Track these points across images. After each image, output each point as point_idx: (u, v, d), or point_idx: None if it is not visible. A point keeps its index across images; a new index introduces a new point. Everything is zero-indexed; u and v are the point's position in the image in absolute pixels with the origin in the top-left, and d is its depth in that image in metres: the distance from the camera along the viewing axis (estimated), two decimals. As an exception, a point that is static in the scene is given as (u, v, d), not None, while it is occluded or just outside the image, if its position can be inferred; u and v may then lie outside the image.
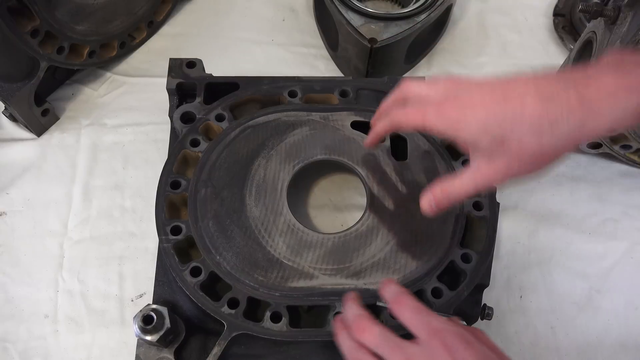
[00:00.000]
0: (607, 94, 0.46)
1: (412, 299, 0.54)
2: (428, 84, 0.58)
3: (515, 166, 0.51)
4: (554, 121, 0.47)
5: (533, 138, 0.48)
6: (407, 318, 0.53)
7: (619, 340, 0.83)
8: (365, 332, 0.53)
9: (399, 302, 0.54)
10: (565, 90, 0.47)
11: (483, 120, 0.50)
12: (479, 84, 0.54)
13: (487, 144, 0.51)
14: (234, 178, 0.77)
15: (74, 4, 0.89)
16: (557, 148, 0.49)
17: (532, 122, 0.48)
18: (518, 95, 0.49)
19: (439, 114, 0.54)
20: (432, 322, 0.51)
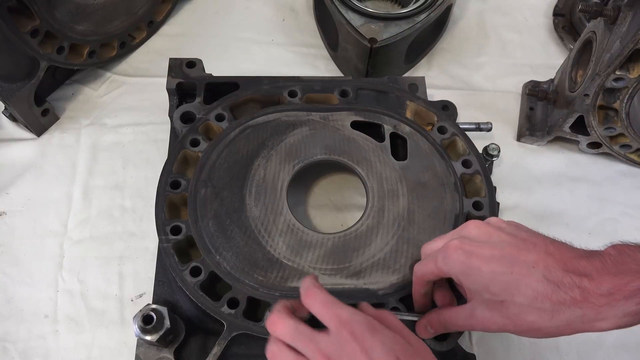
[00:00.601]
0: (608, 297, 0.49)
1: (322, 292, 0.55)
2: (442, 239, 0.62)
3: (510, 328, 0.54)
4: (556, 306, 0.50)
5: (532, 314, 0.52)
6: (318, 310, 0.54)
7: (619, 340, 0.83)
8: (277, 326, 0.54)
9: (309, 296, 0.55)
10: (571, 282, 0.50)
11: (489, 276, 0.53)
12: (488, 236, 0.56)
13: (488, 297, 0.54)
14: (234, 178, 0.77)
15: (74, 4, 0.89)
16: (554, 329, 0.52)
17: (534, 299, 0.51)
18: (527, 269, 0.52)
19: (445, 256, 0.57)
20: (341, 314, 0.52)
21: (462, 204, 0.76)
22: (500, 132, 0.99)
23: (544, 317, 0.51)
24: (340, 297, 0.68)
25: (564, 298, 0.50)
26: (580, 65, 0.91)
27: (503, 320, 0.54)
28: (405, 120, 0.83)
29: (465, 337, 0.81)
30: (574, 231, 0.91)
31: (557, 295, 0.51)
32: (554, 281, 0.51)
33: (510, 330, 0.55)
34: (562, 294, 0.50)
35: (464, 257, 0.55)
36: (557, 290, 0.51)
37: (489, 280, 0.54)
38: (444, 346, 0.66)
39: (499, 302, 0.54)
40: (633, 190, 0.94)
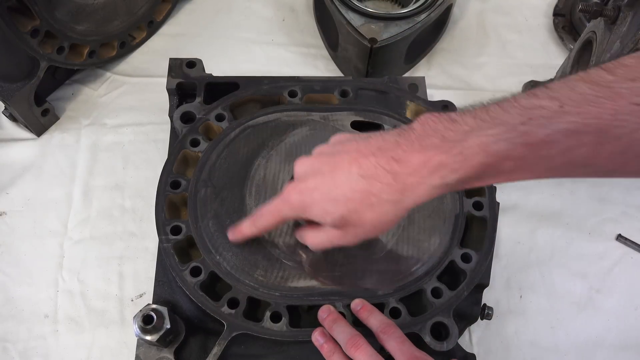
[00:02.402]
0: (414, 174, 0.52)
1: (398, 330, 0.62)
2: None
3: (360, 232, 0.59)
4: (378, 195, 0.54)
5: (367, 209, 0.55)
6: (393, 346, 0.61)
7: (619, 340, 0.83)
8: (358, 350, 0.60)
9: (386, 332, 0.62)
10: (382, 167, 0.54)
11: (322, 203, 0.58)
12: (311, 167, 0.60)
13: (331, 222, 0.58)
14: (234, 178, 0.77)
15: (74, 4, 0.89)
16: (389, 214, 0.55)
17: (362, 198, 0.55)
18: (345, 178, 0.56)
19: (285, 203, 0.62)
20: (415, 352, 0.59)
21: (462, 204, 0.76)
22: (500, 132, 0.99)
23: (375, 210, 0.55)
24: (340, 297, 0.69)
25: (382, 187, 0.54)
26: (580, 65, 0.91)
27: (352, 230, 0.58)
28: (406, 120, 0.83)
29: (465, 337, 0.81)
30: (574, 231, 0.91)
31: (376, 187, 0.54)
32: (369, 175, 0.54)
33: (360, 234, 0.59)
34: (379, 184, 0.54)
35: (298, 196, 0.60)
36: (374, 182, 0.54)
37: (323, 204, 0.57)
38: (444, 346, 0.66)
39: (340, 219, 0.57)
40: (633, 190, 0.94)
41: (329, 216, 0.58)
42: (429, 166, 0.52)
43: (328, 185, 0.57)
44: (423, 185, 0.53)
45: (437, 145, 0.52)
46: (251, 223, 0.68)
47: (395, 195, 0.54)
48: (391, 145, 0.55)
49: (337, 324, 0.64)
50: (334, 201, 0.57)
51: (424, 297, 0.70)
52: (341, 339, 0.62)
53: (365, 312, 0.66)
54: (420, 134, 0.54)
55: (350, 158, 0.56)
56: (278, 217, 0.64)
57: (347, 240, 0.60)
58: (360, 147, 0.57)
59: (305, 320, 0.71)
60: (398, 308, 0.68)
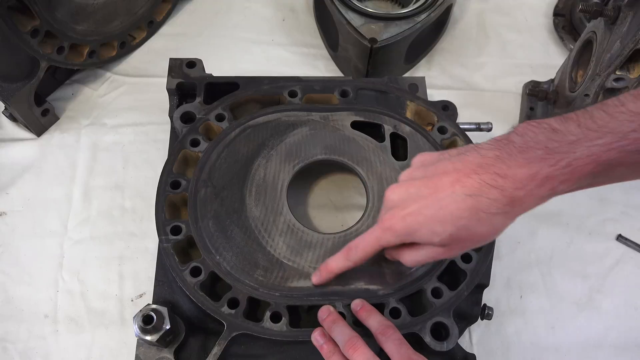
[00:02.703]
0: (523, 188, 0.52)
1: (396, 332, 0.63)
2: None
3: (468, 245, 0.59)
4: (486, 210, 0.54)
5: (477, 225, 0.55)
6: (391, 348, 0.61)
7: (619, 340, 0.83)
8: (357, 352, 0.60)
9: (384, 334, 0.62)
10: (487, 184, 0.54)
11: (429, 227, 0.57)
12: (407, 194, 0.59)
13: (440, 241, 0.58)
14: (234, 178, 0.77)
15: (74, 4, 0.89)
16: (499, 225, 0.56)
17: (470, 215, 0.55)
18: (450, 199, 0.55)
19: (386, 232, 0.60)
20: (412, 356, 0.60)
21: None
22: (500, 132, 0.96)
23: (485, 224, 0.55)
24: (340, 297, 0.69)
25: (489, 202, 0.53)
26: (581, 66, 0.91)
27: (460, 246, 0.59)
28: (406, 120, 0.83)
29: (465, 337, 0.81)
30: (574, 231, 0.91)
31: (483, 203, 0.54)
32: (474, 193, 0.54)
33: (468, 247, 0.60)
34: (486, 199, 0.54)
35: (402, 222, 0.58)
36: (481, 199, 0.54)
37: (430, 225, 0.57)
38: (444, 346, 0.66)
39: (448, 239, 0.57)
40: (633, 190, 0.94)
41: (437, 237, 0.57)
42: (537, 180, 0.52)
43: (433, 208, 0.56)
44: (532, 197, 0.53)
45: (542, 158, 0.52)
46: (344, 257, 0.66)
47: (505, 208, 0.54)
48: (492, 161, 0.54)
49: (337, 324, 0.64)
50: (441, 222, 0.56)
51: (424, 297, 0.70)
52: (340, 340, 0.63)
53: (365, 313, 0.66)
54: (521, 147, 0.53)
55: (451, 179, 0.55)
56: (378, 247, 0.62)
57: (451, 255, 0.60)
58: (458, 166, 0.56)
59: (305, 321, 0.71)
60: (398, 308, 0.68)
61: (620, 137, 0.48)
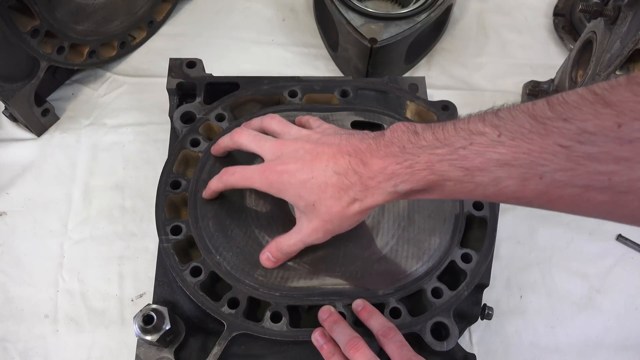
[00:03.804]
0: (374, 179, 0.57)
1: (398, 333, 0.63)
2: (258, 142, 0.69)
3: (328, 225, 0.63)
4: (345, 191, 0.59)
5: (335, 202, 0.60)
6: (392, 350, 0.61)
7: (619, 340, 0.83)
8: (358, 352, 0.60)
9: (386, 335, 0.63)
10: (352, 168, 0.58)
11: (298, 188, 0.62)
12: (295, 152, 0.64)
13: (303, 207, 0.63)
14: (234, 178, 0.77)
15: (74, 4, 0.89)
16: (354, 209, 0.60)
17: (332, 191, 0.60)
18: (322, 171, 0.60)
19: (262, 177, 0.65)
20: (412, 357, 0.60)
21: (462, 204, 0.76)
22: (500, 132, 0.99)
23: (342, 200, 0.60)
24: (340, 297, 0.69)
25: (349, 184, 0.59)
26: (581, 66, 0.91)
27: (321, 221, 0.63)
28: (405, 120, 0.83)
29: (465, 337, 0.81)
30: (574, 231, 0.91)
31: (344, 181, 0.59)
32: (341, 172, 0.59)
33: (328, 227, 0.63)
34: (347, 181, 0.59)
35: (277, 176, 0.63)
36: (344, 179, 0.59)
37: (299, 189, 0.62)
38: (444, 346, 0.66)
39: (312, 206, 0.61)
40: (633, 190, 0.94)
41: (302, 201, 0.62)
42: (385, 173, 0.56)
43: (305, 174, 0.61)
44: (379, 189, 0.57)
45: (396, 155, 0.56)
46: (219, 178, 0.71)
47: (359, 194, 0.59)
48: (364, 148, 0.59)
49: (337, 325, 0.65)
50: (309, 189, 0.61)
51: (424, 297, 0.70)
52: (341, 340, 0.63)
53: (366, 314, 0.66)
54: (387, 142, 0.57)
55: (330, 153, 0.61)
56: (247, 184, 0.67)
57: (317, 237, 0.65)
58: (342, 143, 0.61)
59: (306, 321, 0.71)
60: (398, 308, 0.68)
61: (452, 151, 0.51)
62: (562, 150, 0.44)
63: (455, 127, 0.52)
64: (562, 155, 0.44)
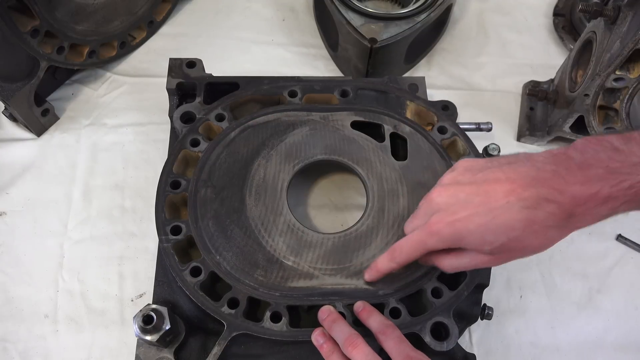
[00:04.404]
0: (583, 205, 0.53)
1: (396, 330, 0.63)
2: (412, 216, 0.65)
3: (518, 256, 0.59)
4: (542, 223, 0.54)
5: (530, 237, 0.55)
6: (390, 346, 0.61)
7: (619, 340, 0.83)
8: (356, 350, 0.60)
9: (384, 333, 0.63)
10: (544, 198, 0.53)
11: (480, 235, 0.56)
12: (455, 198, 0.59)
13: (490, 250, 0.57)
14: (234, 178, 0.77)
15: (74, 4, 0.89)
16: (554, 238, 0.56)
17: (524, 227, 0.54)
18: (504, 209, 0.55)
19: (433, 236, 0.59)
20: (410, 352, 0.60)
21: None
22: (500, 132, 0.99)
23: (539, 236, 0.55)
24: (340, 297, 0.69)
25: (546, 216, 0.53)
26: (580, 65, 0.91)
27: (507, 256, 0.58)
28: (405, 120, 0.83)
29: (465, 337, 0.81)
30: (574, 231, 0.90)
31: (539, 216, 0.53)
32: (530, 206, 0.53)
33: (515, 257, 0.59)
34: (542, 213, 0.53)
35: (450, 228, 0.58)
36: (537, 212, 0.53)
37: (482, 234, 0.56)
38: (444, 346, 0.66)
39: (501, 246, 0.56)
40: (633, 190, 0.94)
41: (488, 246, 0.57)
42: (597, 199, 0.52)
43: (485, 216, 0.55)
44: (590, 215, 0.53)
45: (603, 177, 0.51)
46: (389, 258, 0.66)
47: (561, 222, 0.54)
48: (549, 175, 0.54)
49: (336, 324, 0.65)
50: (493, 232, 0.55)
51: (424, 297, 0.70)
52: (339, 338, 0.63)
53: (366, 314, 0.66)
54: (580, 163, 0.53)
55: (505, 189, 0.55)
56: (422, 250, 0.62)
57: (496, 263, 0.60)
58: (511, 176, 0.56)
59: (305, 320, 0.71)
60: (398, 308, 0.68)
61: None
62: None
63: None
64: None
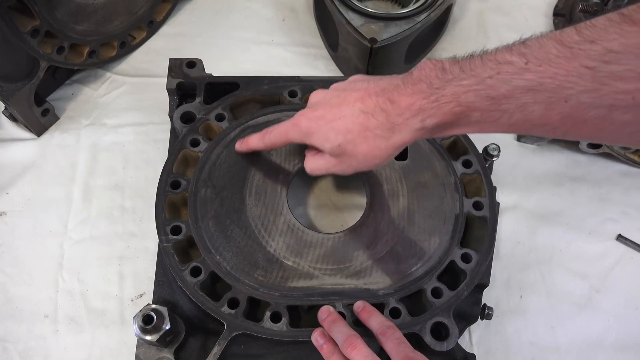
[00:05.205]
0: (401, 115, 0.57)
1: (397, 331, 0.64)
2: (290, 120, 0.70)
3: (355, 163, 0.63)
4: (372, 130, 0.59)
5: (362, 141, 0.60)
6: (390, 347, 0.62)
7: (619, 340, 0.83)
8: (355, 350, 0.61)
9: (384, 334, 0.63)
10: (379, 106, 0.59)
11: (325, 130, 0.63)
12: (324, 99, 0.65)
13: (330, 148, 0.63)
14: (234, 178, 0.77)
15: (74, 4, 0.89)
16: (380, 148, 0.60)
17: (359, 130, 0.60)
18: (349, 112, 0.61)
19: (295, 127, 0.66)
20: (410, 354, 0.60)
21: (462, 204, 0.76)
22: (500, 132, 0.99)
23: (369, 140, 0.60)
24: (340, 297, 0.69)
25: (376, 123, 0.59)
26: (580, 65, 0.91)
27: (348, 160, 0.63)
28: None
29: (465, 337, 0.81)
30: (574, 231, 0.91)
31: (371, 121, 0.59)
32: (367, 111, 0.59)
33: (354, 165, 0.64)
34: (374, 120, 0.59)
35: (306, 122, 0.65)
36: (371, 118, 0.59)
37: (327, 131, 0.63)
38: (444, 346, 0.66)
39: (338, 146, 0.62)
40: (633, 190, 0.94)
41: (328, 143, 0.63)
42: (412, 109, 0.57)
43: (333, 116, 0.62)
44: (406, 126, 0.58)
45: (423, 91, 0.56)
46: (259, 138, 0.73)
47: (386, 132, 0.59)
48: (392, 87, 0.59)
49: (336, 324, 0.65)
50: (335, 130, 0.62)
51: (424, 297, 0.70)
52: (339, 339, 0.63)
53: (366, 314, 0.66)
54: (415, 79, 0.57)
55: (357, 95, 0.61)
56: (285, 138, 0.69)
57: (342, 169, 0.65)
58: (369, 86, 0.61)
59: (305, 320, 0.71)
60: (398, 308, 0.68)
61: (478, 81, 0.52)
62: (587, 72, 0.45)
63: (482, 58, 0.54)
64: (587, 77, 0.45)
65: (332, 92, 0.65)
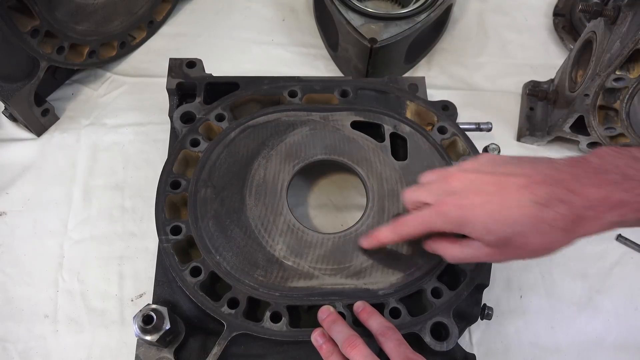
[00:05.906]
0: (593, 209, 0.52)
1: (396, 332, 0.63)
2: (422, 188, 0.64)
3: (522, 254, 0.58)
4: (550, 222, 0.53)
5: (536, 235, 0.55)
6: (390, 348, 0.61)
7: (619, 340, 0.83)
8: (354, 350, 0.60)
9: (384, 335, 0.63)
10: (557, 197, 0.53)
11: (485, 223, 0.56)
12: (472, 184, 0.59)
13: (494, 241, 0.57)
14: (234, 178, 0.77)
15: (74, 4, 0.89)
16: (558, 242, 0.55)
17: (531, 223, 0.54)
18: (516, 202, 0.55)
19: (441, 216, 0.60)
20: (409, 355, 0.60)
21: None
22: (500, 132, 0.99)
23: (543, 236, 0.54)
24: (340, 297, 0.69)
25: (555, 215, 0.53)
26: (580, 65, 0.91)
27: (510, 252, 0.58)
28: (405, 120, 0.83)
29: (465, 337, 0.81)
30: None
31: (549, 215, 0.53)
32: (540, 202, 0.53)
33: (517, 256, 0.59)
34: (552, 212, 0.53)
35: (458, 211, 0.58)
36: (547, 210, 0.53)
37: (488, 223, 0.56)
38: (444, 346, 0.66)
39: (504, 240, 0.56)
40: (633, 190, 0.94)
41: (491, 235, 0.57)
42: (608, 203, 0.52)
43: (495, 206, 0.56)
44: (599, 220, 0.53)
45: (618, 182, 0.52)
46: (391, 230, 0.67)
47: (568, 225, 0.54)
48: (566, 175, 0.54)
49: (336, 324, 0.65)
50: (500, 222, 0.56)
51: (424, 297, 0.70)
52: (339, 339, 0.63)
53: (366, 314, 0.66)
54: (598, 168, 0.53)
55: (520, 183, 0.55)
56: (426, 228, 0.62)
57: (497, 259, 0.60)
58: (528, 172, 0.56)
59: (305, 321, 0.71)
60: (398, 308, 0.68)
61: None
62: None
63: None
64: None
65: (480, 177, 0.58)
